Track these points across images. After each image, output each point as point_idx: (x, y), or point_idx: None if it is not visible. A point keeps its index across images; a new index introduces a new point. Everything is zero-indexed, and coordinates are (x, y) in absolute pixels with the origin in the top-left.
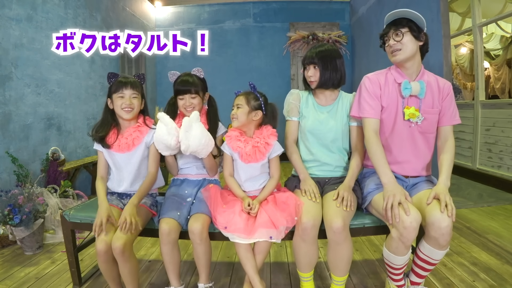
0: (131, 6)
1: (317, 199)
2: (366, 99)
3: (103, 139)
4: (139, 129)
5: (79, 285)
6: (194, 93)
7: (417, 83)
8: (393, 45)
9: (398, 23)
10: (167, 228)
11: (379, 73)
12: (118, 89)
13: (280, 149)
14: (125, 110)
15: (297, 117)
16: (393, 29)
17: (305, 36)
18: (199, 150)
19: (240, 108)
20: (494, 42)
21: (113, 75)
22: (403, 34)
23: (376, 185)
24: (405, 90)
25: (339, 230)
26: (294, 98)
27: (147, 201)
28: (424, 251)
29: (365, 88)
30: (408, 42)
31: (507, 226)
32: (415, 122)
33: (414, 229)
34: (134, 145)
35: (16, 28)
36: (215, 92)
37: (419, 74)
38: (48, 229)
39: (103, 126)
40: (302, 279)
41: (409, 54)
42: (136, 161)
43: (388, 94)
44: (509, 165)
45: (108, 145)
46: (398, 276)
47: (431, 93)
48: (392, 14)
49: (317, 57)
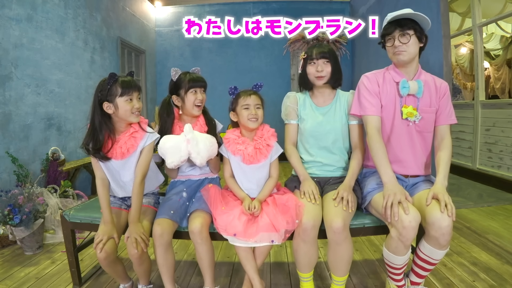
0: (131, 6)
1: (316, 200)
2: (366, 97)
3: (100, 150)
4: (134, 135)
5: (79, 285)
6: (204, 88)
7: (415, 82)
8: (398, 47)
9: (403, 24)
10: (159, 229)
11: (377, 72)
12: (126, 93)
13: (280, 149)
14: (135, 114)
15: (296, 120)
16: (399, 30)
17: (305, 36)
18: (210, 155)
19: (259, 109)
20: (494, 42)
21: (113, 76)
22: (410, 37)
23: (376, 184)
24: (403, 89)
25: (339, 230)
26: (291, 101)
27: (150, 201)
28: (424, 251)
29: (364, 86)
30: (413, 44)
31: (507, 226)
32: (413, 121)
33: (413, 229)
34: (129, 152)
35: (16, 28)
36: (215, 92)
37: (417, 74)
38: (48, 229)
39: (97, 136)
40: (302, 279)
41: (413, 55)
42: (132, 165)
43: (386, 93)
44: (509, 165)
45: (107, 157)
46: (398, 276)
47: (428, 92)
48: (400, 15)
49: (329, 52)
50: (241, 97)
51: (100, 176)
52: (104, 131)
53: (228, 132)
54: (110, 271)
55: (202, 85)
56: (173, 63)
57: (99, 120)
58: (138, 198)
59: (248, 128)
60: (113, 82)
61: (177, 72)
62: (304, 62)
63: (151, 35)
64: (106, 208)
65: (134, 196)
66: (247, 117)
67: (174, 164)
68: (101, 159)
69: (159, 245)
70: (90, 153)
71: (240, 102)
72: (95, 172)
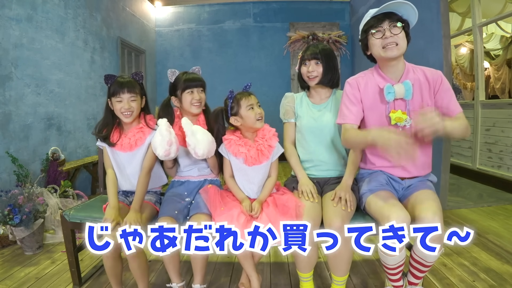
0: (131, 6)
1: (315, 199)
2: (347, 105)
3: (107, 138)
4: (142, 130)
5: (79, 285)
6: (202, 88)
7: (401, 85)
8: (390, 38)
9: (389, 17)
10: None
11: (359, 76)
12: (115, 93)
13: (281, 149)
14: (124, 115)
15: (293, 119)
16: (389, 21)
17: (305, 36)
18: (211, 150)
19: (261, 107)
20: (494, 42)
21: (110, 77)
22: (401, 30)
23: (371, 185)
24: (388, 95)
25: (339, 230)
26: (288, 101)
27: (152, 198)
28: (418, 252)
29: (345, 93)
30: (403, 38)
31: (507, 226)
32: (403, 126)
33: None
34: (137, 145)
35: (16, 28)
36: (215, 92)
37: (404, 73)
38: (48, 229)
39: (106, 126)
40: (301, 279)
41: (403, 51)
42: (139, 160)
43: (369, 97)
44: (509, 165)
45: (113, 143)
46: (395, 276)
47: (419, 91)
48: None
49: (321, 53)
50: (243, 99)
51: (109, 165)
52: (113, 123)
53: (228, 133)
54: (111, 266)
55: (199, 84)
56: (173, 63)
57: (107, 113)
58: (143, 187)
59: (254, 129)
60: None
61: (174, 73)
62: (299, 62)
63: (151, 35)
64: (113, 195)
65: (139, 185)
66: (255, 118)
67: (163, 152)
68: (109, 145)
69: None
70: (97, 137)
71: (243, 104)
72: (105, 161)
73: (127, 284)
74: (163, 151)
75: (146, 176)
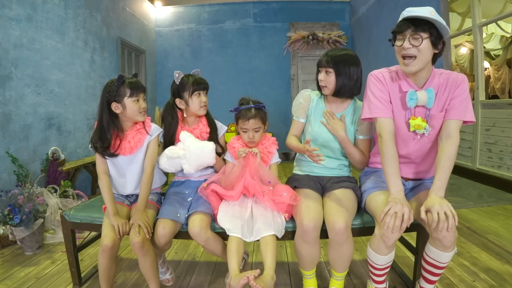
0: (131, 6)
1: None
2: (377, 97)
3: (108, 149)
4: (140, 131)
5: (79, 285)
6: (207, 90)
7: (424, 92)
8: (408, 49)
9: (418, 24)
10: (163, 232)
11: (385, 71)
12: (134, 94)
13: (277, 158)
14: (142, 114)
15: (304, 119)
16: (412, 29)
17: (305, 36)
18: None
19: (258, 132)
20: (494, 42)
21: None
22: (423, 40)
23: (374, 183)
24: (410, 101)
25: (341, 231)
26: (305, 99)
27: (154, 198)
28: (430, 254)
29: (374, 84)
30: (426, 50)
31: (507, 226)
32: (421, 134)
33: (396, 230)
34: (137, 147)
35: (16, 28)
36: (215, 92)
37: (429, 80)
38: (48, 229)
39: (105, 134)
40: (305, 277)
41: (424, 64)
42: (138, 162)
43: (392, 97)
44: (509, 165)
45: (115, 154)
46: (380, 277)
47: (442, 95)
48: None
49: (332, 61)
50: (240, 119)
51: (103, 171)
52: (112, 130)
53: (232, 140)
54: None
55: (206, 87)
56: (173, 63)
57: (107, 119)
58: (147, 187)
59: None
60: (121, 84)
61: (180, 74)
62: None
63: (151, 35)
64: (110, 202)
65: (144, 185)
66: (245, 140)
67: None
68: (109, 156)
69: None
70: (98, 151)
71: (239, 124)
72: (98, 167)
73: (127, 284)
74: (193, 169)
75: (150, 176)
